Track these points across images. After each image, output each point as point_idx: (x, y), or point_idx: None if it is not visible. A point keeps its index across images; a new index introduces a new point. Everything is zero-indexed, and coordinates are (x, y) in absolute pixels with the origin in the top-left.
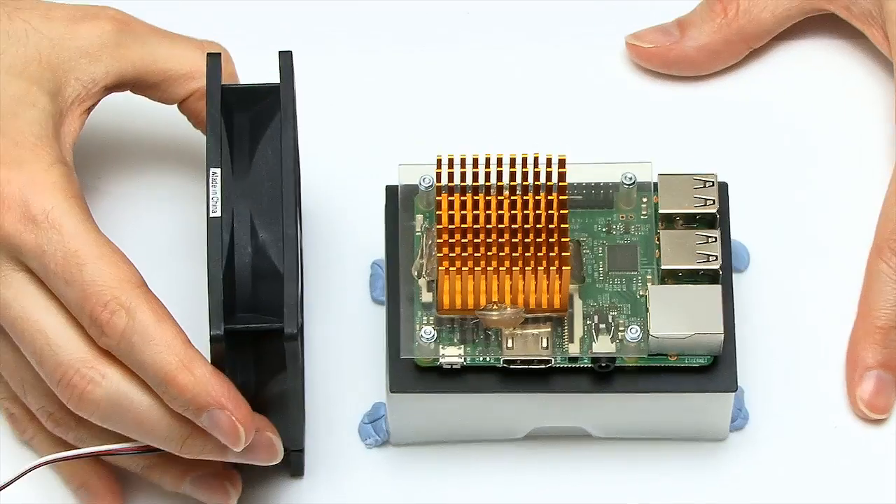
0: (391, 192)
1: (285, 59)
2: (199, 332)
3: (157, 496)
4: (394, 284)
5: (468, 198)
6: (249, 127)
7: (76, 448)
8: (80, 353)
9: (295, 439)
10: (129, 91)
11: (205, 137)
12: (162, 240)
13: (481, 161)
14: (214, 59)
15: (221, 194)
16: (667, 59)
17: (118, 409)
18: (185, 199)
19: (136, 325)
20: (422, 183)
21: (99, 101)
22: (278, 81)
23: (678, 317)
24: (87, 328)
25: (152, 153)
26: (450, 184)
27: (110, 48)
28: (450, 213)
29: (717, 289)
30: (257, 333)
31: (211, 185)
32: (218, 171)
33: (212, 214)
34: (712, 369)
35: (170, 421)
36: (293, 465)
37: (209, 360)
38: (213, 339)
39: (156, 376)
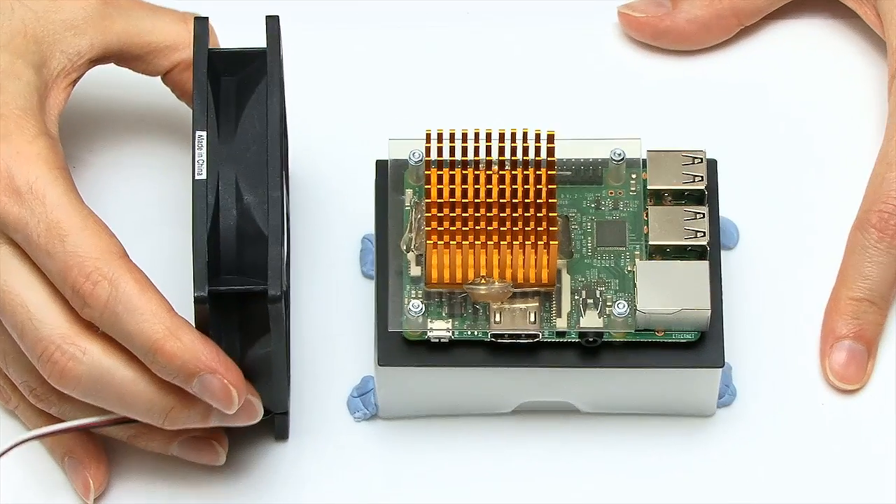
0: (381, 166)
1: (272, 23)
2: (186, 296)
3: (143, 460)
4: (383, 258)
5: (457, 172)
6: (236, 91)
7: (58, 419)
8: (62, 329)
9: (280, 402)
10: (113, 63)
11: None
12: (148, 206)
13: (470, 136)
14: (202, 24)
15: (207, 157)
16: (657, 30)
17: (100, 385)
18: (171, 166)
19: (120, 296)
20: (411, 157)
21: (84, 73)
22: (265, 46)
23: (665, 292)
24: (70, 299)
25: (138, 122)
26: (439, 158)
27: (95, 21)
28: (439, 187)
29: (704, 265)
30: (241, 295)
31: (196, 147)
32: (204, 133)
33: (197, 177)
34: (699, 345)
35: (152, 395)
36: (278, 427)
37: (194, 323)
38: (197, 301)
39: (143, 346)
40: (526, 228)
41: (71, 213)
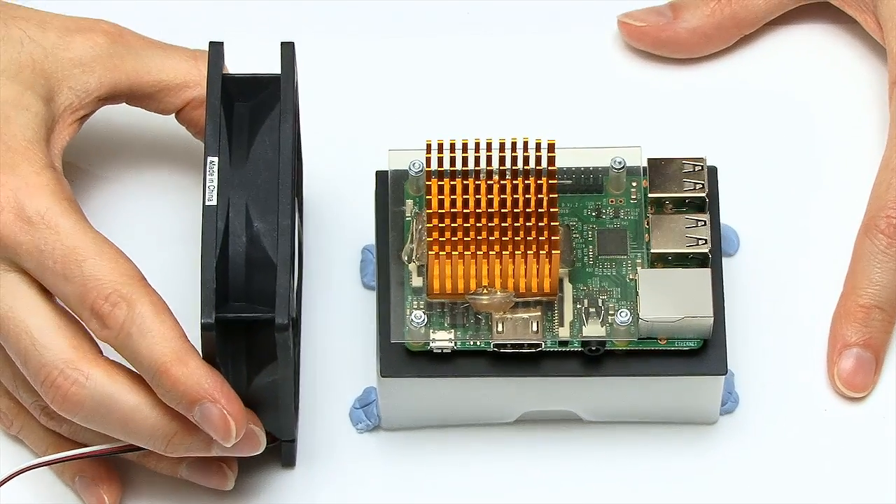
0: (381, 177)
1: (287, 50)
2: (194, 321)
3: (154, 478)
4: (384, 269)
5: (458, 182)
6: (249, 117)
7: (67, 439)
8: (65, 355)
9: (286, 429)
10: (125, 102)
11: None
12: (160, 229)
13: (471, 146)
14: (216, 49)
15: (218, 183)
16: (657, 40)
17: (102, 410)
18: (184, 190)
19: (136, 317)
20: (412, 168)
21: (92, 112)
22: (279, 72)
23: (668, 300)
24: (87, 322)
25: (152, 148)
26: (439, 168)
27: (103, 59)
28: (440, 197)
29: (706, 272)
30: (249, 323)
31: (208, 173)
32: (215, 159)
33: (207, 202)
34: (702, 353)
35: (154, 421)
36: (284, 455)
37: (200, 349)
38: (203, 328)
39: (150, 368)
40: (528, 238)
41: (86, 240)
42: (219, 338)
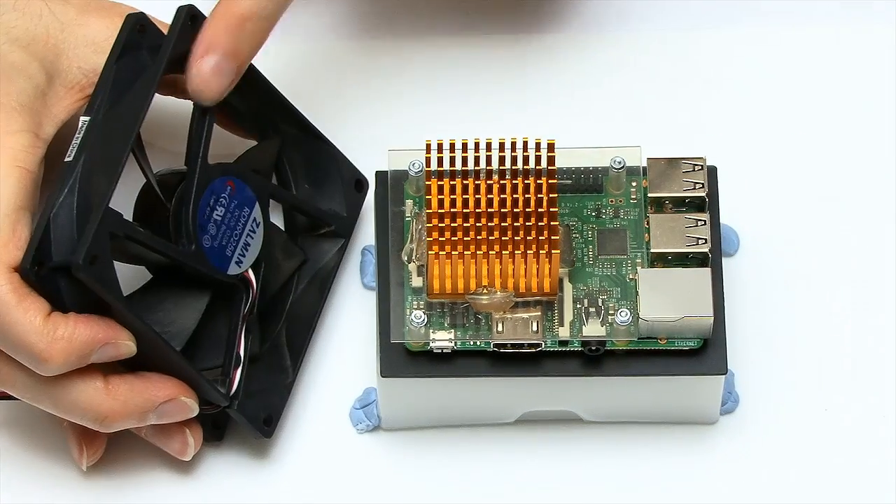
0: (381, 177)
1: (179, 13)
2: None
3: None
4: (384, 269)
5: (458, 182)
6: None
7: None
8: None
9: (195, 388)
10: None
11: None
12: None
13: (470, 146)
14: (135, 17)
15: (80, 142)
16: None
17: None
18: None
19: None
20: (411, 168)
21: None
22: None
23: (668, 300)
24: None
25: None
26: (439, 168)
27: None
28: (439, 197)
29: (706, 272)
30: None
31: (77, 132)
32: (88, 119)
33: (66, 159)
34: (702, 352)
35: (88, 401)
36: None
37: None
38: (21, 274)
39: (28, 361)
40: (528, 238)
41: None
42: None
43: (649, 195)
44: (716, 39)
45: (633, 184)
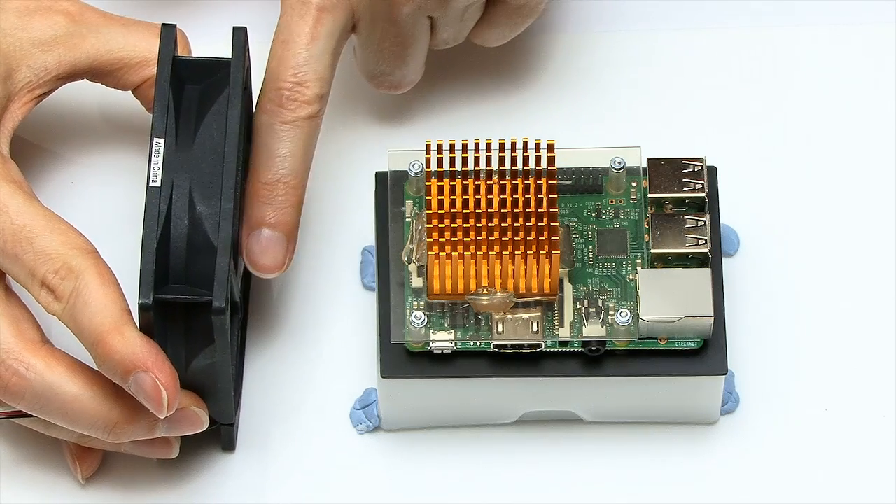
0: (381, 178)
1: (238, 34)
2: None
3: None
4: (384, 270)
5: (458, 183)
6: (198, 100)
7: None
8: (6, 345)
9: (225, 413)
10: (85, 79)
11: None
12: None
13: (470, 146)
14: (169, 31)
15: (163, 164)
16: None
17: (44, 399)
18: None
19: (81, 288)
20: (411, 169)
21: (51, 90)
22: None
23: (668, 300)
24: (39, 297)
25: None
26: (439, 169)
27: (63, 39)
28: (439, 198)
29: (706, 272)
30: (186, 305)
31: (153, 154)
32: (161, 140)
33: (151, 184)
34: (702, 353)
35: (96, 409)
36: (224, 438)
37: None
38: (141, 308)
39: (89, 338)
40: (528, 238)
41: (36, 217)
42: (156, 319)
43: (649, 195)
44: (715, 39)
45: (633, 184)
